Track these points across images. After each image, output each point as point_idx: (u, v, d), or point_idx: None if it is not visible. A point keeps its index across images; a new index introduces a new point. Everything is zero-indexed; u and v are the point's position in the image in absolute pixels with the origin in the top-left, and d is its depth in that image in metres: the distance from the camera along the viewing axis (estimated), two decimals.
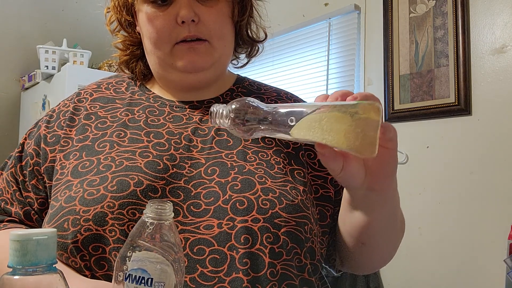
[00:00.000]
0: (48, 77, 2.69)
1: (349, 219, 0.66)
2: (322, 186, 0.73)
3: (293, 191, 0.67)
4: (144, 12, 0.72)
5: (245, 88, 0.82)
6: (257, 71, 2.74)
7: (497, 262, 1.71)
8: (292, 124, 0.51)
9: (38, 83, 2.76)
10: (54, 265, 0.40)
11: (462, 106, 1.89)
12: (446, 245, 1.91)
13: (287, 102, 0.82)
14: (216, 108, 0.55)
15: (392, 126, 0.51)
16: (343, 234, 0.70)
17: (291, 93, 0.85)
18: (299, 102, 0.83)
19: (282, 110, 0.52)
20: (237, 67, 0.87)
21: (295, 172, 0.70)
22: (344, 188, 0.63)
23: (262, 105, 0.53)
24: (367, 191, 0.57)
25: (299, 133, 0.51)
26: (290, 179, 0.69)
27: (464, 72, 1.89)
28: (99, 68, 2.71)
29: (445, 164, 1.94)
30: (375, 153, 0.48)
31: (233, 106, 0.54)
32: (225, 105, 0.55)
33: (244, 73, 0.88)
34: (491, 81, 1.84)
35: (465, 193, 1.87)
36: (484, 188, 1.81)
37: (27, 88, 2.88)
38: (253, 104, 0.53)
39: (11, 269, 0.39)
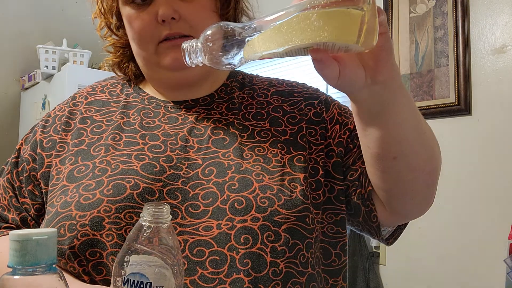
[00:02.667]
0: (48, 77, 2.69)
1: (369, 138, 0.61)
2: (324, 161, 0.71)
3: (291, 184, 0.66)
4: (125, 14, 0.72)
5: (238, 82, 0.81)
6: (257, 71, 2.74)
7: (497, 262, 1.71)
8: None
9: (38, 83, 2.76)
10: (54, 265, 0.40)
11: (462, 106, 1.89)
12: (446, 245, 1.91)
13: (280, 88, 0.80)
14: (187, 43, 0.50)
15: (380, 8, 0.48)
16: (372, 165, 0.65)
17: (283, 79, 0.83)
18: (292, 85, 0.81)
19: (266, 19, 0.46)
20: None
21: (295, 159, 0.69)
22: (351, 105, 0.59)
23: (237, 24, 0.48)
24: (372, 87, 0.53)
25: (288, 38, 0.46)
26: (289, 170, 0.68)
27: (464, 72, 1.89)
28: (99, 68, 2.71)
29: (445, 164, 1.93)
30: (375, 42, 0.45)
31: (207, 33, 0.48)
32: (196, 39, 0.50)
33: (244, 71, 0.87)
34: (491, 81, 1.83)
35: (465, 193, 1.87)
36: (484, 188, 1.81)
37: (27, 88, 2.88)
38: (228, 25, 0.48)
39: (11, 269, 0.39)
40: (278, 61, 2.68)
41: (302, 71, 2.57)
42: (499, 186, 1.77)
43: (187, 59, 0.51)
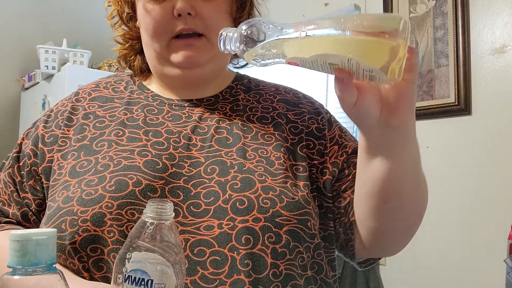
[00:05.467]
0: (48, 77, 2.68)
1: (368, 174, 0.62)
2: (315, 176, 0.72)
3: (293, 187, 0.66)
4: (142, 4, 0.72)
5: (244, 85, 0.81)
6: (257, 70, 2.74)
7: (497, 262, 1.71)
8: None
9: (38, 83, 2.76)
10: (54, 265, 0.40)
11: (462, 106, 1.89)
12: (446, 245, 1.91)
13: (286, 96, 0.81)
14: (226, 30, 0.52)
15: (416, 52, 0.49)
16: (363, 200, 0.65)
17: (290, 87, 0.84)
18: (298, 96, 0.82)
19: (302, 27, 0.48)
20: (237, 67, 0.86)
21: (294, 168, 0.70)
22: (359, 136, 0.60)
23: (277, 24, 0.50)
24: (384, 129, 0.55)
25: (316, 47, 0.48)
26: (290, 175, 0.68)
27: (464, 72, 1.89)
28: (99, 68, 2.71)
29: (445, 164, 1.94)
30: (399, 76, 0.47)
31: (246, 24, 0.51)
32: (235, 28, 0.52)
33: (244, 71, 0.87)
34: (491, 81, 1.84)
35: (465, 193, 1.87)
36: (484, 188, 1.81)
37: (27, 88, 2.88)
38: (268, 23, 0.50)
39: (11, 269, 0.39)
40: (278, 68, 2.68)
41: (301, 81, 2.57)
42: (499, 186, 1.77)
43: (221, 44, 0.53)
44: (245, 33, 0.51)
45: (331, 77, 0.52)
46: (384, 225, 0.66)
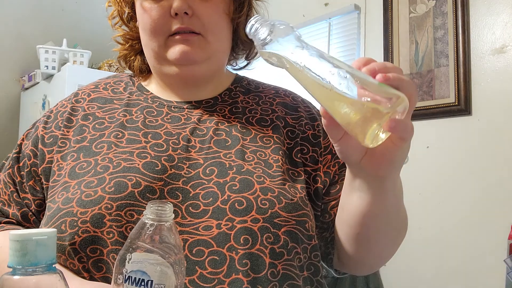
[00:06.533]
0: (48, 77, 2.68)
1: (347, 203, 0.65)
2: (307, 182, 0.73)
3: (291, 189, 0.67)
4: (140, 3, 0.73)
5: (243, 87, 0.82)
6: (258, 70, 2.74)
7: (497, 262, 1.71)
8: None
9: (38, 83, 2.76)
10: (53, 265, 0.40)
11: (462, 106, 1.89)
12: (446, 245, 1.91)
13: (285, 100, 0.81)
14: (256, 20, 0.55)
15: (408, 127, 0.49)
16: (341, 224, 0.69)
17: (289, 91, 0.84)
18: (297, 100, 0.83)
19: (313, 58, 0.50)
20: (236, 69, 0.86)
21: (290, 171, 0.71)
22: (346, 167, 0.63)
23: (303, 42, 0.53)
24: (363, 172, 0.58)
25: (307, 84, 0.50)
26: (287, 177, 0.69)
27: (464, 72, 1.89)
28: (99, 68, 2.71)
29: (445, 164, 1.94)
30: (372, 144, 0.48)
31: (282, 21, 0.54)
32: (266, 21, 0.55)
33: (243, 71, 0.88)
34: (491, 81, 1.84)
35: (465, 193, 1.87)
36: (484, 188, 1.81)
37: (27, 88, 2.88)
38: (297, 35, 0.53)
39: (11, 269, 0.39)
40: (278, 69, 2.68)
41: None
42: (499, 186, 1.77)
43: (247, 29, 0.56)
44: (266, 33, 0.54)
45: None
46: (357, 251, 0.70)
